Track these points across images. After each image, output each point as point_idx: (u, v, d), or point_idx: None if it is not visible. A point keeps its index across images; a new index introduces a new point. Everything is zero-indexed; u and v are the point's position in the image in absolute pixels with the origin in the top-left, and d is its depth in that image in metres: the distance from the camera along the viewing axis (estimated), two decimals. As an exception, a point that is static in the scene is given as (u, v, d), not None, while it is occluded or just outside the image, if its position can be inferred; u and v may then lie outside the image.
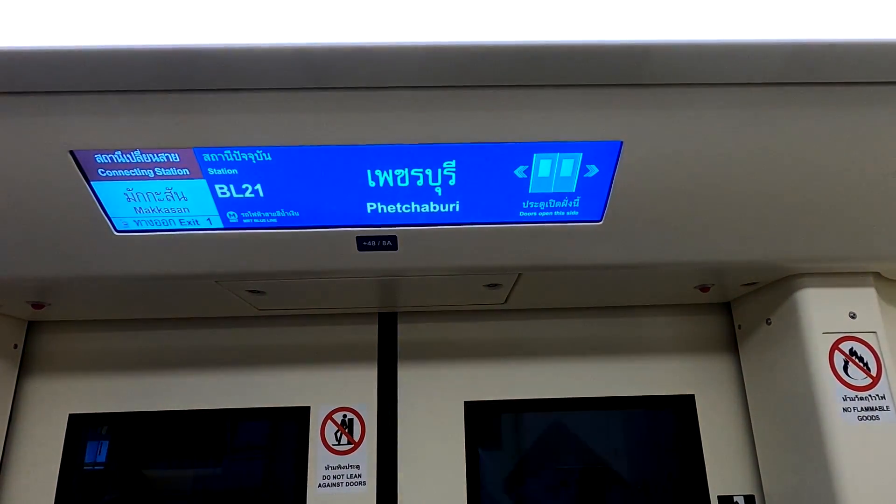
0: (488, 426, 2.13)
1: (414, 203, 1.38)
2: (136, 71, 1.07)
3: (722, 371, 2.11)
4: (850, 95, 1.22)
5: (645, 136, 1.26)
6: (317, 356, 2.10)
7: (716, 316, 2.18)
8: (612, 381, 2.10)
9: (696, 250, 1.55)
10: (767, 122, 1.25)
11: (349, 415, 2.04)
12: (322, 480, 1.96)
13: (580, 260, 1.54)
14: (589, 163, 1.32)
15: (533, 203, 1.39)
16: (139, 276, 1.53)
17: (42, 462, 1.95)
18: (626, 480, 2.13)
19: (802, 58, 1.12)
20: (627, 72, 1.13)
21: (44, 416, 2.00)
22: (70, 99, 1.13)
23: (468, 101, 1.17)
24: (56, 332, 2.09)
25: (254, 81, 1.11)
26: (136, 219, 1.37)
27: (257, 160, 1.27)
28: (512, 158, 1.30)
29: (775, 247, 1.56)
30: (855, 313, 1.71)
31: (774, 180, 1.37)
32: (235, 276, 1.57)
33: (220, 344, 2.10)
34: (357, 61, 1.08)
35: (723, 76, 1.16)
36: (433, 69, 1.11)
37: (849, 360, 1.66)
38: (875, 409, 1.62)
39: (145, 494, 2.06)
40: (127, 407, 2.02)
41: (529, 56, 1.09)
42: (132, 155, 1.24)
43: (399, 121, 1.20)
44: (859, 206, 1.46)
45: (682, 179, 1.35)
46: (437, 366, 2.10)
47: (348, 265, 1.53)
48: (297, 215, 1.39)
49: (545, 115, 1.21)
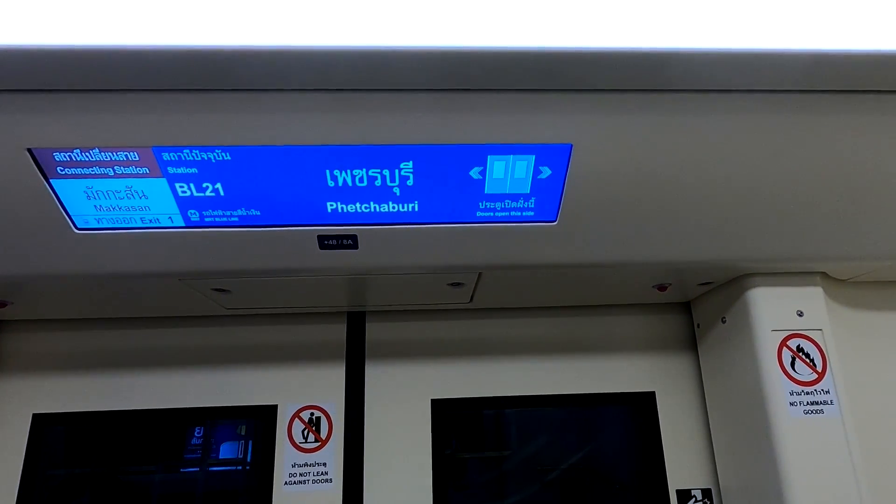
0: (454, 424, 2.17)
1: (373, 203, 1.41)
2: (94, 70, 1.09)
3: (682, 369, 2.17)
4: (798, 103, 1.28)
5: (594, 140, 1.30)
6: (285, 355, 2.11)
7: (676, 315, 2.24)
8: (575, 379, 2.15)
9: (649, 250, 1.60)
10: (716, 127, 1.31)
11: (317, 413, 2.06)
12: (288, 478, 1.98)
13: (537, 259, 1.58)
14: (542, 164, 1.36)
15: (489, 203, 1.43)
16: (101, 275, 1.54)
17: (4, 462, 1.93)
18: (588, 475, 2.18)
19: (756, 65, 1.18)
20: (577, 77, 1.18)
21: (7, 416, 1.98)
22: (28, 97, 1.14)
23: (424, 103, 1.21)
24: (19, 331, 2.07)
25: (213, 82, 1.14)
26: (97, 217, 1.39)
27: (217, 159, 1.29)
28: (467, 160, 1.34)
29: (728, 247, 1.62)
30: (802, 311, 1.78)
31: (726, 183, 1.43)
32: (198, 274, 1.58)
33: (187, 343, 2.11)
34: (316, 63, 1.11)
35: (670, 82, 1.21)
36: (389, 72, 1.14)
37: (796, 356, 1.73)
38: (820, 404, 1.69)
39: (111, 494, 2.06)
40: (91, 406, 2.01)
41: (483, 60, 1.13)
42: (91, 153, 1.25)
43: (356, 122, 1.23)
44: (808, 208, 1.52)
45: (632, 182, 1.40)
46: (404, 364, 2.13)
47: (310, 264, 1.56)
48: (259, 214, 1.41)
49: (498, 118, 1.25)
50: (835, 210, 1.54)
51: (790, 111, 1.29)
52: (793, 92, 1.26)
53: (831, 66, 1.20)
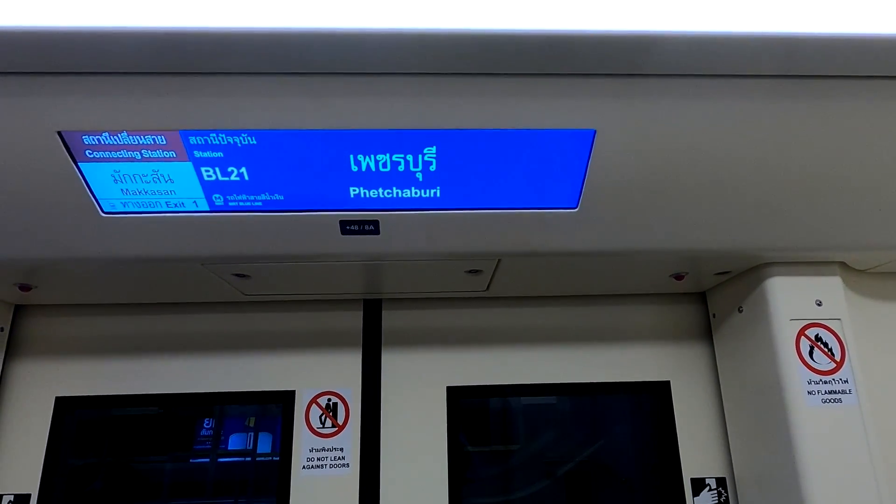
0: (469, 412, 2.18)
1: (395, 188, 1.42)
2: (124, 52, 1.10)
3: (697, 358, 2.18)
4: (821, 89, 1.27)
5: (618, 126, 1.30)
6: (302, 341, 2.14)
7: (691, 305, 2.24)
8: (590, 368, 2.15)
9: (669, 238, 1.60)
10: (741, 114, 1.30)
11: (334, 399, 2.08)
12: (306, 462, 2.00)
13: (557, 246, 1.59)
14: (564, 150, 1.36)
15: (511, 189, 1.44)
16: (126, 259, 1.56)
17: (28, 444, 1.97)
18: (604, 464, 2.19)
19: (778, 50, 1.17)
20: (601, 61, 1.18)
21: (30, 399, 2.02)
22: (58, 80, 1.16)
23: (448, 87, 1.22)
24: (43, 315, 2.11)
25: (241, 65, 1.15)
26: (123, 200, 1.40)
27: (242, 144, 1.31)
28: (490, 145, 1.34)
29: (746, 236, 1.62)
30: (821, 301, 1.77)
31: (746, 170, 1.43)
32: (221, 259, 1.60)
33: (206, 329, 2.13)
34: (341, 47, 1.12)
35: (697, 67, 1.21)
36: (416, 56, 1.15)
37: (814, 345, 1.73)
38: (838, 393, 1.69)
39: (130, 478, 2.09)
40: (112, 390, 2.04)
41: (507, 45, 1.13)
42: (119, 137, 1.27)
43: (380, 106, 1.24)
44: (828, 197, 1.52)
45: (654, 169, 1.40)
46: (420, 352, 2.15)
47: (332, 249, 1.57)
48: (282, 199, 1.43)
49: (521, 103, 1.25)
50: (855, 199, 1.53)
51: (811, 97, 1.28)
52: (813, 78, 1.25)
53: (854, 52, 1.19)
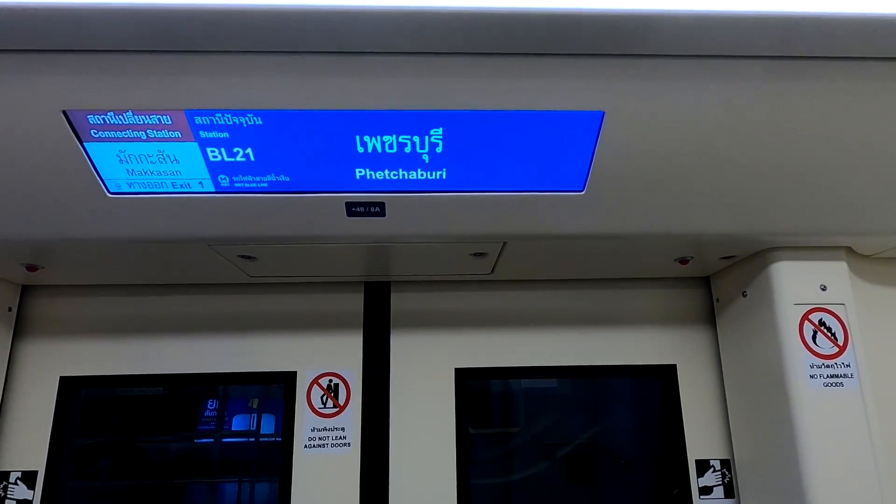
0: (476, 395, 2.20)
1: (401, 170, 1.41)
2: (129, 31, 1.09)
3: (701, 342, 2.19)
4: (828, 71, 1.25)
5: (627, 107, 1.29)
6: (305, 323, 2.15)
7: (695, 290, 2.25)
8: (597, 351, 2.17)
9: (676, 222, 1.60)
10: (748, 96, 1.29)
11: (335, 380, 2.10)
12: (308, 441, 2.02)
13: (563, 229, 1.58)
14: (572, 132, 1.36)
15: (517, 171, 1.43)
16: (132, 239, 1.56)
17: (35, 423, 1.99)
18: (610, 445, 2.22)
19: (785, 32, 1.15)
20: (610, 42, 1.16)
21: (36, 378, 2.03)
22: (63, 58, 1.14)
23: (455, 68, 1.20)
24: (49, 296, 2.11)
25: (246, 44, 1.14)
26: (129, 181, 1.40)
27: (248, 124, 1.30)
28: (497, 127, 1.33)
29: (752, 220, 1.61)
30: (826, 286, 1.77)
31: (753, 154, 1.42)
32: (227, 240, 1.60)
33: (210, 310, 2.14)
34: (348, 26, 1.11)
35: (705, 48, 1.19)
36: (422, 35, 1.14)
37: (818, 329, 1.73)
38: (840, 377, 1.70)
39: (136, 457, 2.12)
40: (117, 370, 2.06)
41: (515, 24, 1.12)
42: (124, 116, 1.26)
43: (387, 86, 1.23)
44: (834, 182, 1.51)
45: (662, 151, 1.40)
46: (428, 334, 2.16)
47: (338, 231, 1.57)
48: (288, 180, 1.42)
49: (529, 83, 1.24)
50: (861, 184, 1.53)
51: (819, 79, 1.27)
52: (820, 59, 1.23)
53: (861, 34, 1.17)
